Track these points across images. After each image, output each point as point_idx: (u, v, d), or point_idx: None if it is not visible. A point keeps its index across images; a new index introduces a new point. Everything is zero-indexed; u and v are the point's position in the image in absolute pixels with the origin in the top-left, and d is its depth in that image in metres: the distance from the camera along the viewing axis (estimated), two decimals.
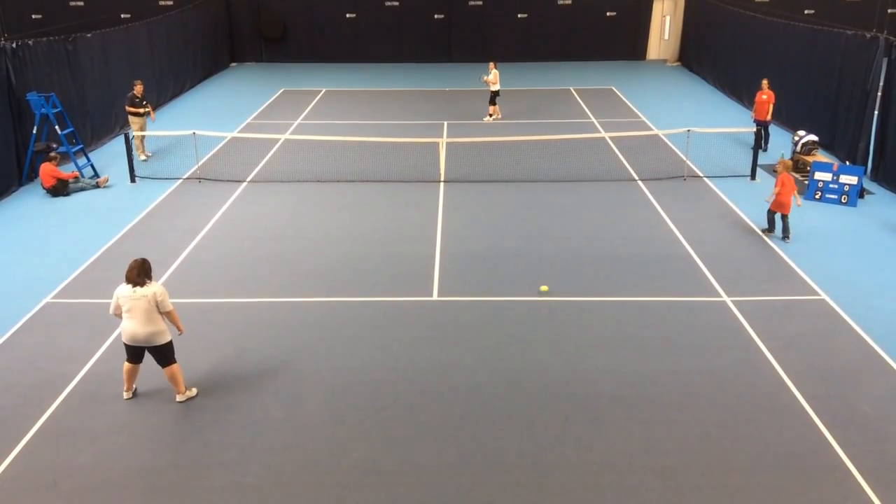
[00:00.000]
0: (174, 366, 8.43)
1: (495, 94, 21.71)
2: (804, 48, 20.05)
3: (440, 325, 10.29)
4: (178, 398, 8.54)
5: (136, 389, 8.72)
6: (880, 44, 16.45)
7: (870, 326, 10.16)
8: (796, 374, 9.04)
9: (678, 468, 7.48)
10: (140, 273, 8.12)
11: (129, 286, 8.13)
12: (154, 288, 8.14)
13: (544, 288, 11.14)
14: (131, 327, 8.17)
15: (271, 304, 10.96)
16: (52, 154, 15.88)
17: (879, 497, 7.05)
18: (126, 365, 8.49)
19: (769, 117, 18.38)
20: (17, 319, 10.48)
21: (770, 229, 13.29)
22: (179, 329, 8.47)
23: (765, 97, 18.22)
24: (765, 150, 18.20)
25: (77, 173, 16.18)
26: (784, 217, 13.07)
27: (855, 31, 17.91)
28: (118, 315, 8.25)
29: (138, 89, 18.18)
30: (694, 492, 7.16)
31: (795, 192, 12.99)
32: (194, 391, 8.67)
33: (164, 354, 8.34)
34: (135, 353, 8.38)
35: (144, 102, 18.29)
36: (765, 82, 18.32)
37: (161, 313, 8.21)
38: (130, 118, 18.22)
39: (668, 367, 9.22)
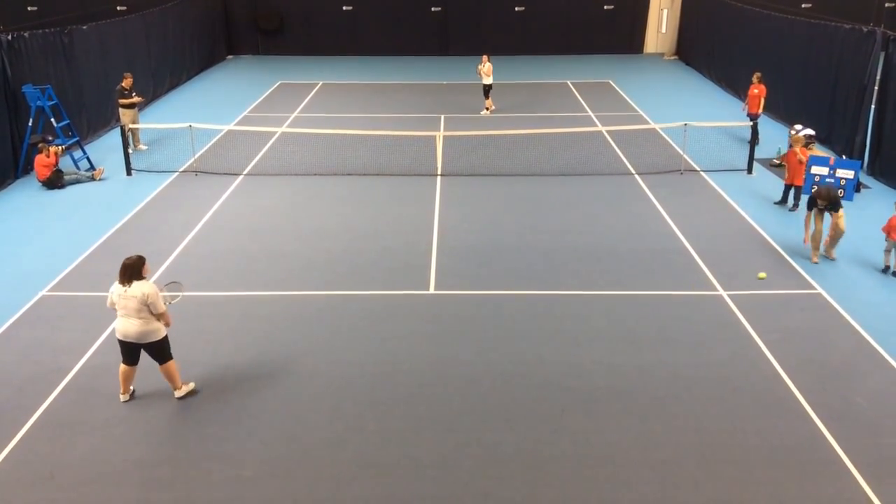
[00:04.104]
0: (170, 363, 8.34)
1: (488, 87, 21.70)
2: (801, 42, 20.03)
3: (437, 319, 10.30)
4: (177, 394, 8.49)
5: (133, 392, 8.57)
6: (877, 38, 16.44)
7: (865, 320, 10.19)
8: (792, 368, 9.07)
9: (674, 461, 7.50)
10: (130, 274, 7.96)
11: (120, 285, 8.03)
12: (145, 288, 7.94)
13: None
14: (123, 325, 8.06)
15: (268, 297, 10.95)
16: (41, 145, 15.79)
17: (874, 490, 7.08)
18: (122, 367, 8.33)
19: (759, 111, 18.45)
20: (14, 312, 10.46)
21: (784, 201, 14.62)
22: (167, 323, 8.23)
23: (756, 91, 18.28)
24: (756, 143, 18.19)
25: (61, 147, 16.16)
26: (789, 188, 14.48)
27: (852, 24, 17.90)
28: (114, 308, 8.20)
29: (127, 82, 18.13)
30: (690, 485, 7.18)
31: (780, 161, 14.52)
32: (192, 385, 8.62)
33: (159, 352, 8.24)
34: (128, 351, 8.20)
35: (133, 94, 18.25)
36: (755, 76, 18.38)
37: (153, 315, 8.06)
38: (121, 111, 18.16)
39: (664, 361, 9.24)
